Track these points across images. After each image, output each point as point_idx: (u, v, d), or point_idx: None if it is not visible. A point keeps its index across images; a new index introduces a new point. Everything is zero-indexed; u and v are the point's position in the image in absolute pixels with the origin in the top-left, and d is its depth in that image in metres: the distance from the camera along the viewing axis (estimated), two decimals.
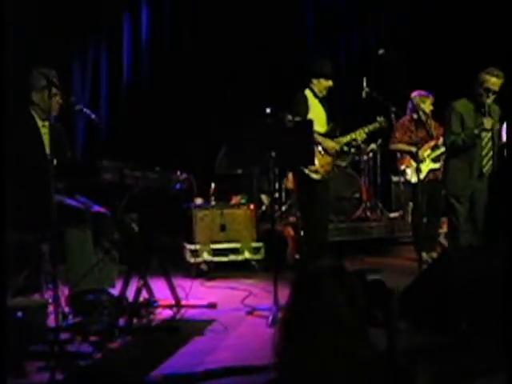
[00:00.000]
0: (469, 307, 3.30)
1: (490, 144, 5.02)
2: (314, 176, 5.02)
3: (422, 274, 3.77)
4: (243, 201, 6.17)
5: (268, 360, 3.00)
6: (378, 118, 5.43)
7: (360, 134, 5.33)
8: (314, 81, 5.18)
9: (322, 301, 1.64)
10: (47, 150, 4.01)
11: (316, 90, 5.19)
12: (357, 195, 6.96)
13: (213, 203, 6.05)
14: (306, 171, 4.98)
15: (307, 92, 5.17)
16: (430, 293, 3.53)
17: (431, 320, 3.46)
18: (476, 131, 4.92)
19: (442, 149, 5.77)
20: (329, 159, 5.14)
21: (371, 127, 5.38)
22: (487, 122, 4.90)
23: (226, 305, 4.44)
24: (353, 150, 7.02)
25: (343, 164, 7.06)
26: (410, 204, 6.71)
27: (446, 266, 3.47)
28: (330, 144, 5.11)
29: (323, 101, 5.23)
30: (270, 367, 1.73)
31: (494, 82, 4.87)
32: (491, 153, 5.03)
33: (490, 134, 5.00)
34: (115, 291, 4.08)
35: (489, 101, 4.92)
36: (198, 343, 3.50)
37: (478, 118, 4.97)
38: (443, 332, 3.37)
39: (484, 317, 3.27)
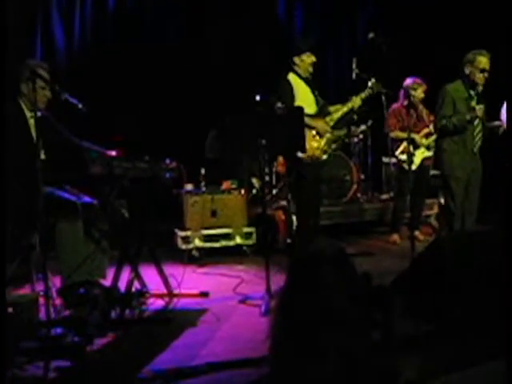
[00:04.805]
0: (462, 295, 3.30)
1: (480, 125, 5.11)
2: (309, 159, 4.91)
3: (415, 260, 3.76)
4: (234, 186, 6.13)
5: (261, 352, 3.01)
6: (369, 83, 5.27)
7: (355, 102, 5.18)
8: (297, 60, 4.99)
9: (321, 293, 1.58)
10: (34, 141, 3.95)
11: (300, 70, 5.00)
12: (347, 177, 6.94)
13: (203, 189, 6.00)
14: (302, 157, 4.87)
15: (291, 76, 4.99)
16: (422, 280, 3.52)
17: (424, 307, 3.45)
18: (468, 117, 5.01)
19: (434, 136, 5.81)
20: (324, 140, 5.04)
21: (363, 95, 5.24)
22: (479, 110, 5.00)
23: (218, 293, 4.44)
24: (355, 117, 6.88)
25: (342, 133, 7.01)
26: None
27: (438, 253, 3.46)
28: (321, 125, 4.99)
29: (309, 81, 5.08)
30: (263, 360, 1.69)
31: (485, 61, 5.00)
32: (481, 133, 5.12)
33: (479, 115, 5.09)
34: (107, 282, 4.06)
35: (483, 81, 5.03)
36: (191, 335, 3.49)
37: (469, 103, 5.04)
38: (436, 319, 3.37)
39: (478, 305, 3.27)
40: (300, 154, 4.83)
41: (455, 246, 3.55)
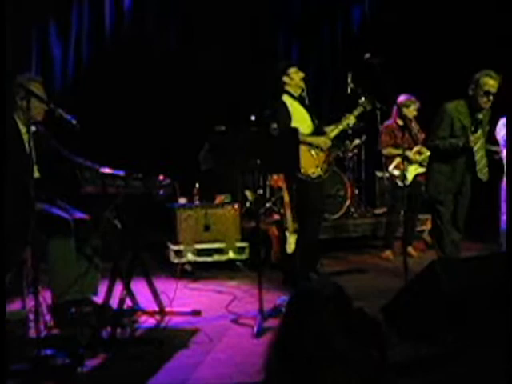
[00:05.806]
0: (455, 322, 3.30)
1: (482, 151, 4.91)
2: (311, 179, 4.90)
3: (408, 286, 3.75)
4: (227, 200, 6.12)
5: (252, 378, 2.99)
6: (360, 101, 5.28)
7: (350, 119, 5.16)
8: (287, 80, 4.97)
9: (317, 330, 1.60)
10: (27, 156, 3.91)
11: (292, 90, 4.99)
12: (341, 192, 6.92)
13: (197, 203, 5.99)
14: (303, 177, 4.83)
15: (285, 98, 4.97)
16: (415, 306, 3.52)
17: (417, 332, 3.45)
18: (460, 144, 4.82)
19: (427, 153, 5.78)
20: (323, 157, 5.01)
21: (356, 112, 5.24)
22: (473, 140, 4.79)
23: (210, 311, 4.39)
24: (350, 131, 6.88)
25: (338, 152, 7.04)
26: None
27: (432, 281, 3.45)
28: (321, 140, 4.99)
29: (303, 100, 5.07)
30: None
31: (492, 84, 4.73)
32: (484, 160, 4.93)
33: (482, 140, 4.90)
34: (98, 298, 4.03)
35: (488, 104, 4.80)
36: (183, 357, 3.44)
37: (467, 129, 4.84)
38: (429, 344, 3.36)
39: (471, 330, 3.27)
40: (302, 175, 4.80)
41: (448, 276, 3.53)
